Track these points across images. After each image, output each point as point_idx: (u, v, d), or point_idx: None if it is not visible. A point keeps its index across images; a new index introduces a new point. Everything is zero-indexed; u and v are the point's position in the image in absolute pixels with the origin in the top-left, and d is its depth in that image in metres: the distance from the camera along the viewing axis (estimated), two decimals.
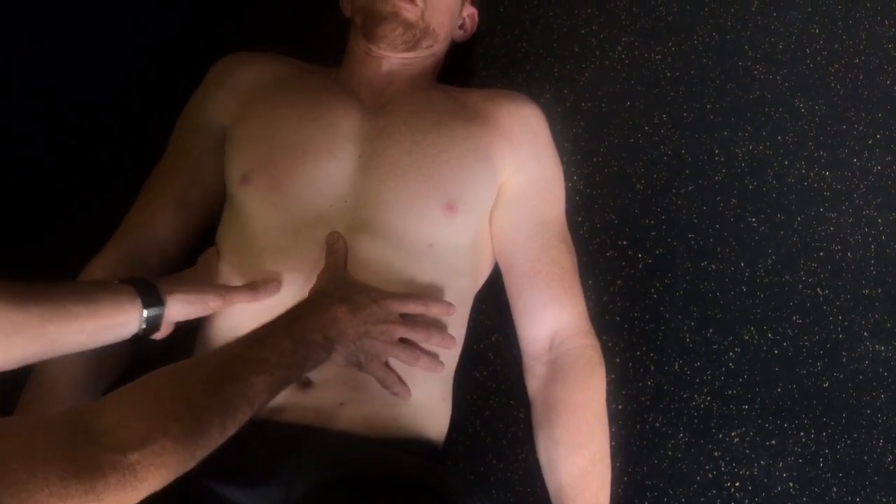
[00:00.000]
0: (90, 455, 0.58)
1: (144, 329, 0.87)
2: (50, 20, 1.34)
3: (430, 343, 0.94)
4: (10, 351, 0.74)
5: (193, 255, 1.10)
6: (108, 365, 1.03)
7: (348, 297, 0.89)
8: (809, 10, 1.39)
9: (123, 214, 1.09)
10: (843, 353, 1.18)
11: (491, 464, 1.11)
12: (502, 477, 1.10)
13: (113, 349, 1.02)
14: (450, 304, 0.97)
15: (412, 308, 0.94)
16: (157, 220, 1.07)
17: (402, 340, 0.92)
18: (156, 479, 0.61)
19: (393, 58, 1.11)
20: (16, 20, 1.34)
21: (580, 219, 1.22)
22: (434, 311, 0.96)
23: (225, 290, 0.95)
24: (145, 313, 0.86)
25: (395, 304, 0.93)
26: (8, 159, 1.24)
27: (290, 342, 0.80)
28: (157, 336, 0.91)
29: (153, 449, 0.61)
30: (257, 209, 1.00)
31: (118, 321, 0.84)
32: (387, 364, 0.92)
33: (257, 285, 0.96)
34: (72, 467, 0.56)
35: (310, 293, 0.92)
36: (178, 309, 0.90)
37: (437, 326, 0.98)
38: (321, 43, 1.30)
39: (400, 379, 0.93)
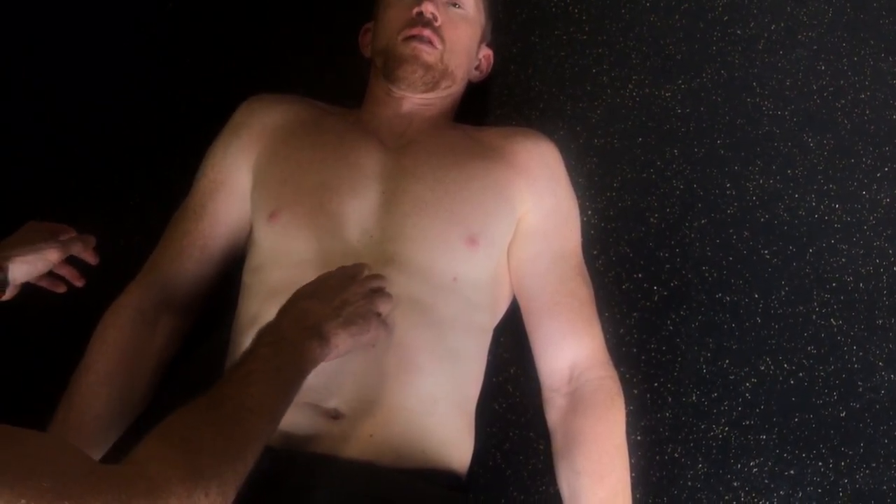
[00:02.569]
0: None
1: None
2: (84, 64, 1.39)
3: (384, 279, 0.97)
4: None
5: (220, 290, 1.14)
6: (132, 399, 1.05)
7: (311, 290, 0.90)
8: (815, 47, 1.43)
9: (148, 254, 1.12)
10: (859, 383, 1.19)
11: (512, 496, 1.11)
12: None
13: (137, 383, 1.05)
14: (380, 276, 0.98)
15: (360, 268, 0.96)
16: (182, 258, 1.10)
17: None
18: None
19: (413, 98, 1.15)
20: (49, 61, 1.38)
21: (595, 252, 1.24)
22: (366, 275, 0.97)
23: (60, 242, 0.99)
24: None
25: (344, 268, 0.94)
26: (33, 201, 1.28)
27: (268, 348, 0.80)
28: (5, 298, 0.94)
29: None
30: (285, 245, 1.02)
31: None
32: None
33: (88, 236, 1.03)
34: None
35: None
36: (20, 270, 0.94)
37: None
38: (341, 84, 1.34)
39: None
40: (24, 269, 0.95)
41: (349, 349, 0.89)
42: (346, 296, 0.90)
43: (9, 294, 0.95)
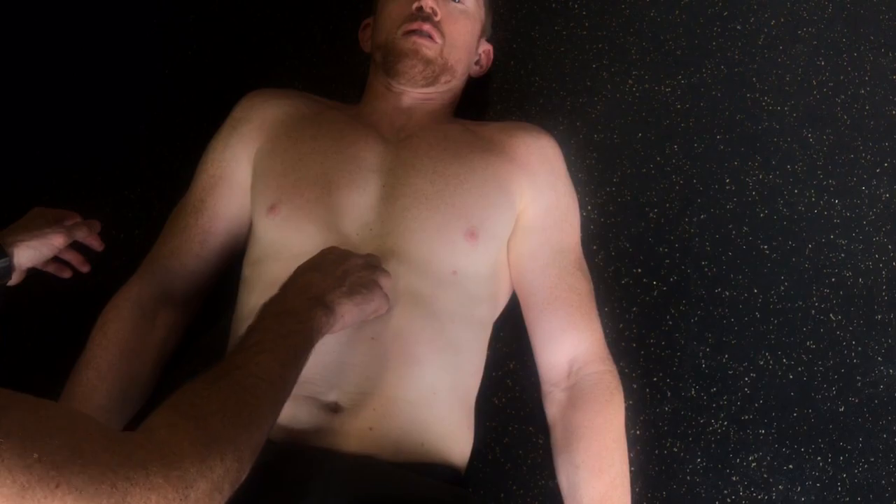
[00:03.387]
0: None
1: None
2: (85, 58, 1.39)
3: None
4: None
5: (220, 283, 1.14)
6: (133, 392, 1.05)
7: (313, 263, 0.90)
8: (815, 43, 1.43)
9: (147, 248, 1.13)
10: (858, 378, 1.19)
11: (511, 490, 1.12)
12: (523, 503, 1.11)
13: (138, 376, 1.05)
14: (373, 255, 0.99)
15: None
16: (182, 252, 1.10)
17: None
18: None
19: (413, 93, 1.15)
20: (52, 54, 1.39)
21: (595, 247, 1.24)
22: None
23: (65, 227, 1.01)
24: None
25: (340, 246, 0.95)
26: (35, 195, 1.28)
27: (273, 319, 0.80)
28: (11, 283, 0.97)
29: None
30: (285, 238, 1.03)
31: None
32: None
33: (93, 222, 1.05)
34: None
35: None
36: (25, 255, 0.96)
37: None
38: (341, 79, 1.34)
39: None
40: (29, 253, 0.96)
41: (355, 319, 0.89)
42: (347, 266, 0.90)
43: (15, 279, 0.96)
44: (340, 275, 0.89)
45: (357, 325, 0.97)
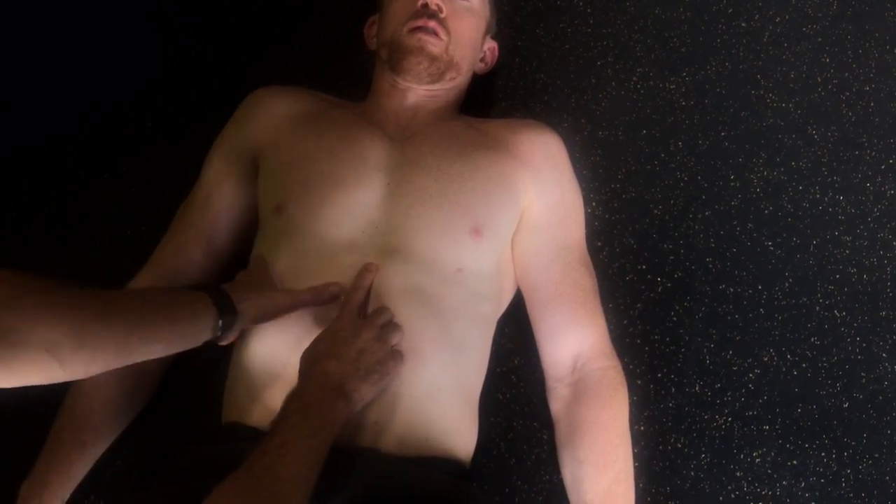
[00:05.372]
0: None
1: (218, 336, 0.88)
2: (92, 52, 1.40)
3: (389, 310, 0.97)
4: (91, 365, 0.75)
5: (225, 279, 1.14)
6: (141, 385, 1.06)
7: (327, 348, 0.90)
8: (820, 40, 1.43)
9: (154, 244, 1.13)
10: (862, 374, 1.19)
11: (515, 485, 1.12)
12: (527, 498, 1.12)
13: (146, 370, 1.06)
14: (371, 264, 0.98)
15: (355, 301, 0.95)
16: (189, 248, 1.11)
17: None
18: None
19: (418, 90, 1.16)
20: (57, 49, 1.39)
21: (599, 244, 1.25)
22: (367, 282, 0.97)
23: (292, 293, 0.97)
24: (220, 322, 0.87)
25: (345, 312, 0.93)
26: (40, 194, 1.29)
27: (297, 416, 0.82)
28: (223, 342, 0.92)
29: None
30: (291, 236, 1.03)
31: (195, 329, 0.86)
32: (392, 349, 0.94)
33: (320, 289, 0.97)
34: None
35: (301, 356, 0.93)
36: (251, 315, 0.92)
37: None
38: (347, 77, 1.35)
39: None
40: (255, 315, 0.93)
41: (373, 397, 0.91)
42: (361, 345, 0.90)
43: (230, 338, 0.92)
44: (355, 356, 0.89)
45: None
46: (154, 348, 0.81)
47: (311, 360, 0.89)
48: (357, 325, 0.92)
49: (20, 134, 1.32)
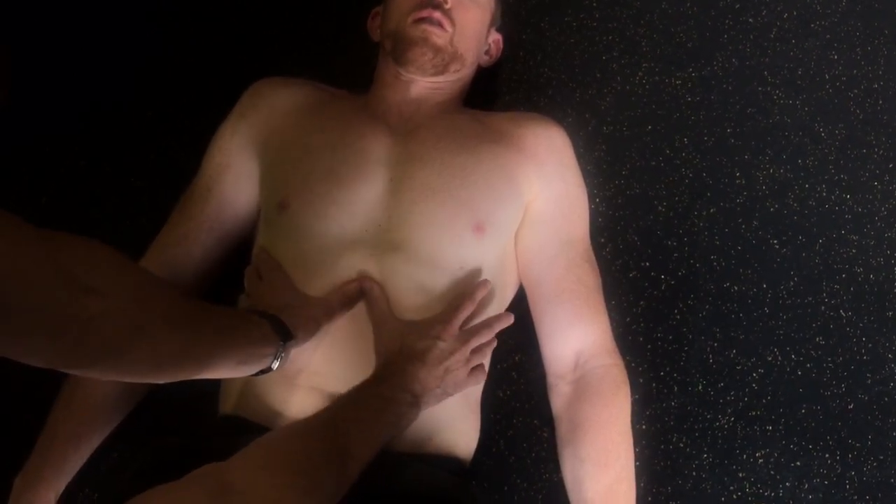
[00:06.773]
0: None
1: (279, 362, 0.89)
2: (92, 45, 1.38)
3: (495, 331, 1.00)
4: (175, 372, 0.76)
5: (225, 273, 1.13)
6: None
7: (414, 351, 0.92)
8: (828, 37, 1.41)
9: (154, 236, 1.12)
10: (868, 375, 1.18)
11: (515, 483, 1.11)
12: (527, 496, 1.11)
13: None
14: (486, 281, 1.01)
15: (465, 314, 0.97)
16: (189, 241, 1.10)
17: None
18: None
19: (422, 82, 1.14)
20: (57, 42, 1.38)
21: (603, 240, 1.23)
22: (479, 295, 0.99)
23: (326, 304, 0.97)
24: (282, 346, 0.89)
25: (452, 325, 0.95)
26: (40, 185, 1.28)
27: (380, 401, 0.85)
28: (276, 369, 0.91)
29: None
30: (295, 232, 1.02)
31: (264, 353, 0.87)
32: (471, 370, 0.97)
33: (345, 291, 0.97)
34: None
35: (377, 353, 0.95)
36: (303, 339, 0.93)
37: (487, 313, 1.02)
38: (350, 68, 1.33)
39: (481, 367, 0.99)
40: (306, 338, 0.93)
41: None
42: (450, 364, 0.93)
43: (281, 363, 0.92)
44: (441, 373, 0.93)
45: (364, 319, 0.97)
46: (225, 365, 0.82)
47: (408, 356, 0.92)
48: (456, 341, 0.95)
49: (21, 126, 1.31)
